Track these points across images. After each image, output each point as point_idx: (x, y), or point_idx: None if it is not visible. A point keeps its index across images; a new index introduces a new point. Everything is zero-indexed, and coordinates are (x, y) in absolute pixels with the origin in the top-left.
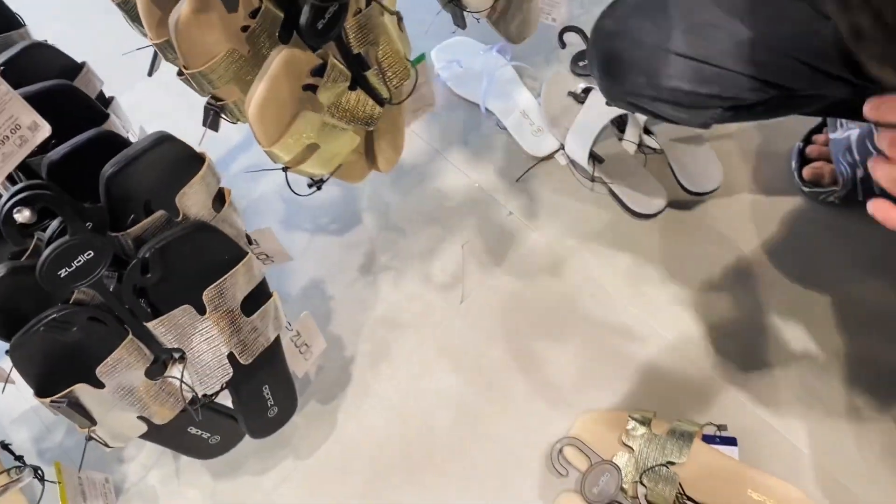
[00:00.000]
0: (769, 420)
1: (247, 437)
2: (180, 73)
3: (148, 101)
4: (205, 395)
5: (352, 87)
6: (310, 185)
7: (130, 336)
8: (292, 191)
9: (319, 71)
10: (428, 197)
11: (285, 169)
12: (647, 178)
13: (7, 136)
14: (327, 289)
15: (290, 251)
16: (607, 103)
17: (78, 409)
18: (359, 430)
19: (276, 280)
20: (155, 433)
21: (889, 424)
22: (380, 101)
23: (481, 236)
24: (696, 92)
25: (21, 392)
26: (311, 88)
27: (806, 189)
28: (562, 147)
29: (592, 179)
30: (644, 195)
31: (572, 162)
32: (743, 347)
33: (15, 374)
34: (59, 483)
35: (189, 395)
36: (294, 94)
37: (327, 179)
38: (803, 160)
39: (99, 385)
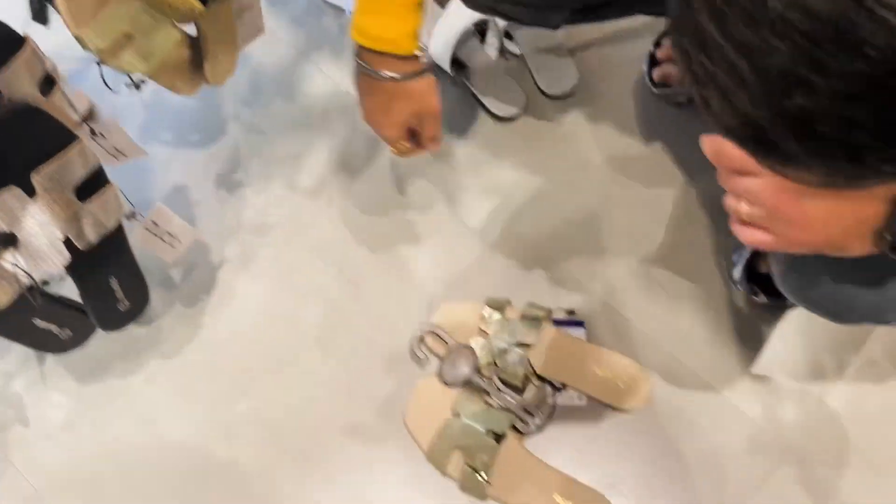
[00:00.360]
0: (613, 304)
1: (112, 339)
2: None
3: None
4: (44, 283)
5: None
6: (127, 85)
7: None
8: (107, 86)
9: None
10: (295, 103)
11: (99, 63)
12: (508, 83)
13: None
14: (192, 195)
15: (153, 160)
16: (467, 6)
17: None
18: (226, 331)
19: (139, 188)
20: None
21: (717, 303)
22: None
23: (349, 141)
24: None
25: None
26: None
27: (656, 90)
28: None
29: (454, 83)
30: (504, 101)
31: (436, 66)
32: (593, 240)
33: None
34: None
35: (27, 282)
36: None
37: (145, 82)
38: (653, 62)
39: None
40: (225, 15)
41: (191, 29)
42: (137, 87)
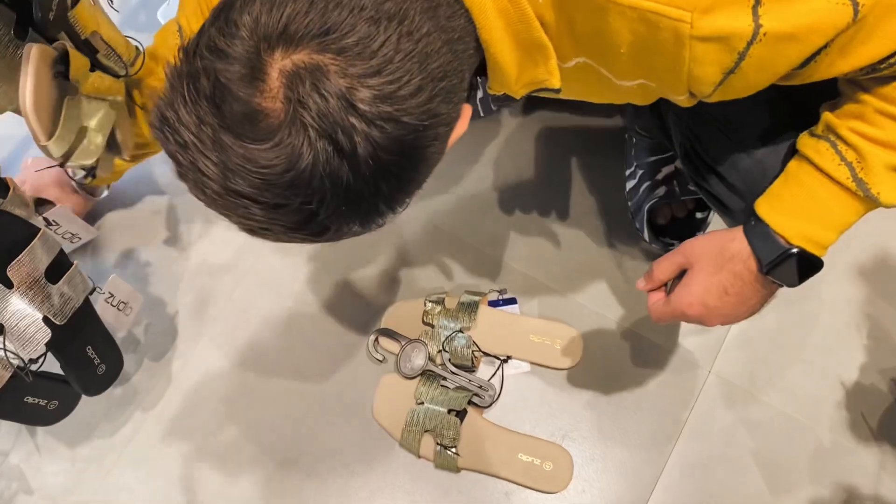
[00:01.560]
0: (536, 277)
1: (95, 404)
2: None
3: None
4: (31, 361)
5: (91, 69)
6: (84, 177)
7: None
8: (73, 180)
9: (63, 59)
10: None
11: (62, 164)
12: None
13: None
14: (140, 256)
15: (97, 228)
16: None
17: None
18: (197, 371)
19: (90, 259)
20: None
21: (630, 255)
22: (117, 76)
23: None
24: None
25: None
26: (63, 76)
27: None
28: None
29: None
30: None
31: None
32: (507, 223)
33: None
34: None
35: (16, 363)
36: (51, 84)
37: (96, 168)
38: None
39: None
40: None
41: None
42: (93, 174)
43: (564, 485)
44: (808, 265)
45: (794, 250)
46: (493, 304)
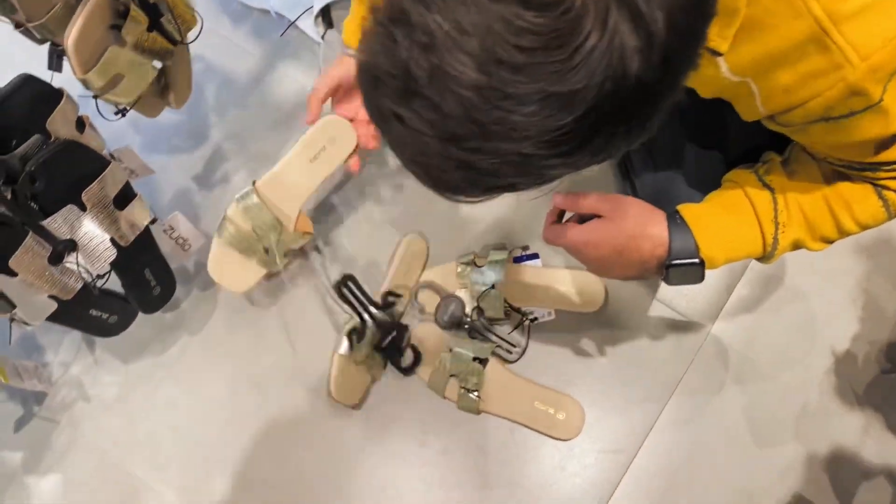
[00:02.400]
0: None
1: (148, 326)
2: (18, 27)
3: None
4: (98, 277)
5: (150, 30)
6: (115, 113)
7: (31, 233)
8: (101, 115)
9: (123, 15)
10: (269, 105)
11: (96, 97)
12: None
13: None
14: (192, 197)
15: (158, 172)
16: None
17: None
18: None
19: (147, 196)
20: (63, 315)
21: None
22: (172, 41)
23: None
24: None
25: None
26: (117, 28)
27: None
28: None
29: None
30: None
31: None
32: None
33: None
34: None
35: (86, 277)
36: (103, 32)
37: (129, 109)
38: None
39: (13, 275)
40: (185, 54)
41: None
42: (123, 114)
43: (576, 433)
44: (694, 276)
45: (698, 260)
46: (518, 259)
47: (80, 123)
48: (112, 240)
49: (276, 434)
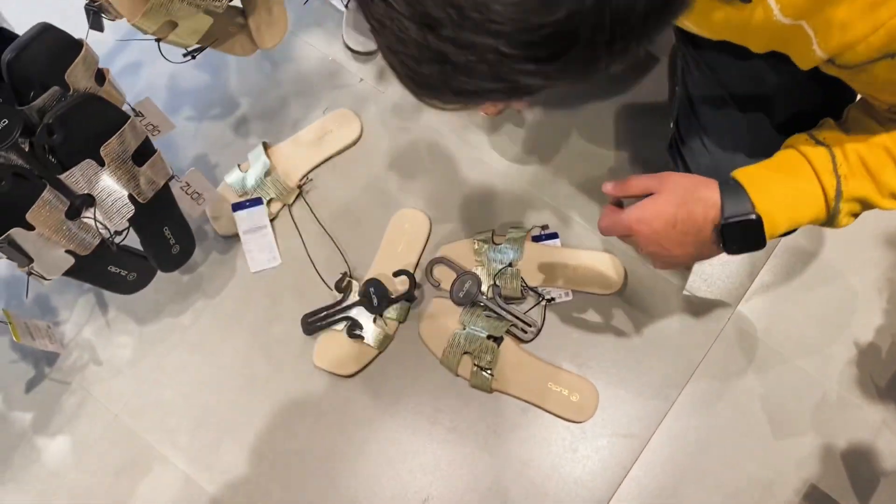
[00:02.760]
0: (574, 217)
1: (164, 288)
2: None
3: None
4: (116, 233)
5: None
6: (184, 55)
7: (48, 187)
8: (164, 57)
9: None
10: (290, 73)
11: (158, 40)
12: None
13: None
14: (212, 159)
15: (177, 132)
16: None
17: (16, 249)
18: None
19: (169, 157)
20: (81, 270)
21: None
22: None
23: (339, 101)
24: None
25: None
26: None
27: None
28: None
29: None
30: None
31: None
32: (548, 164)
33: None
34: (10, 324)
35: (104, 233)
36: None
37: (201, 50)
38: None
39: (30, 228)
40: None
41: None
42: (193, 56)
43: (589, 416)
44: (754, 238)
45: (754, 216)
46: (536, 238)
47: (101, 76)
48: (130, 196)
49: (286, 404)
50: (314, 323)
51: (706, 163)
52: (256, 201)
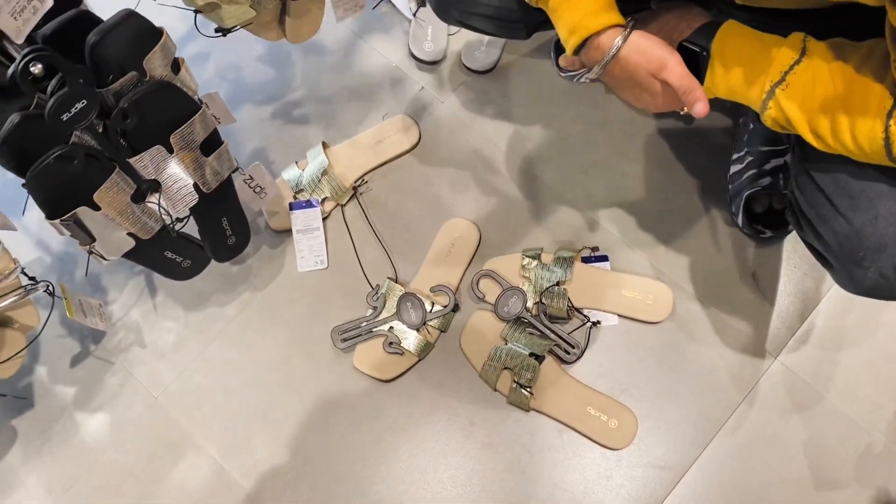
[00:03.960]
0: (627, 241)
1: (213, 277)
2: None
3: None
4: (177, 220)
5: None
6: (216, 31)
7: (118, 169)
8: (198, 31)
9: None
10: (353, 76)
11: (196, 11)
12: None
13: (24, 7)
14: (270, 155)
15: (237, 125)
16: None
17: (81, 227)
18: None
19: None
20: (139, 253)
21: (714, 238)
22: None
23: (399, 107)
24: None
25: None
26: None
27: (562, 74)
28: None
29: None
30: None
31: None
32: (603, 187)
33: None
34: (65, 299)
35: (166, 219)
36: None
37: (232, 30)
38: (559, 50)
39: (96, 208)
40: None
41: None
42: (225, 34)
43: (626, 444)
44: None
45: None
46: (586, 260)
47: (176, 65)
48: (195, 185)
49: (321, 404)
50: (347, 338)
51: (836, 185)
52: (313, 203)
